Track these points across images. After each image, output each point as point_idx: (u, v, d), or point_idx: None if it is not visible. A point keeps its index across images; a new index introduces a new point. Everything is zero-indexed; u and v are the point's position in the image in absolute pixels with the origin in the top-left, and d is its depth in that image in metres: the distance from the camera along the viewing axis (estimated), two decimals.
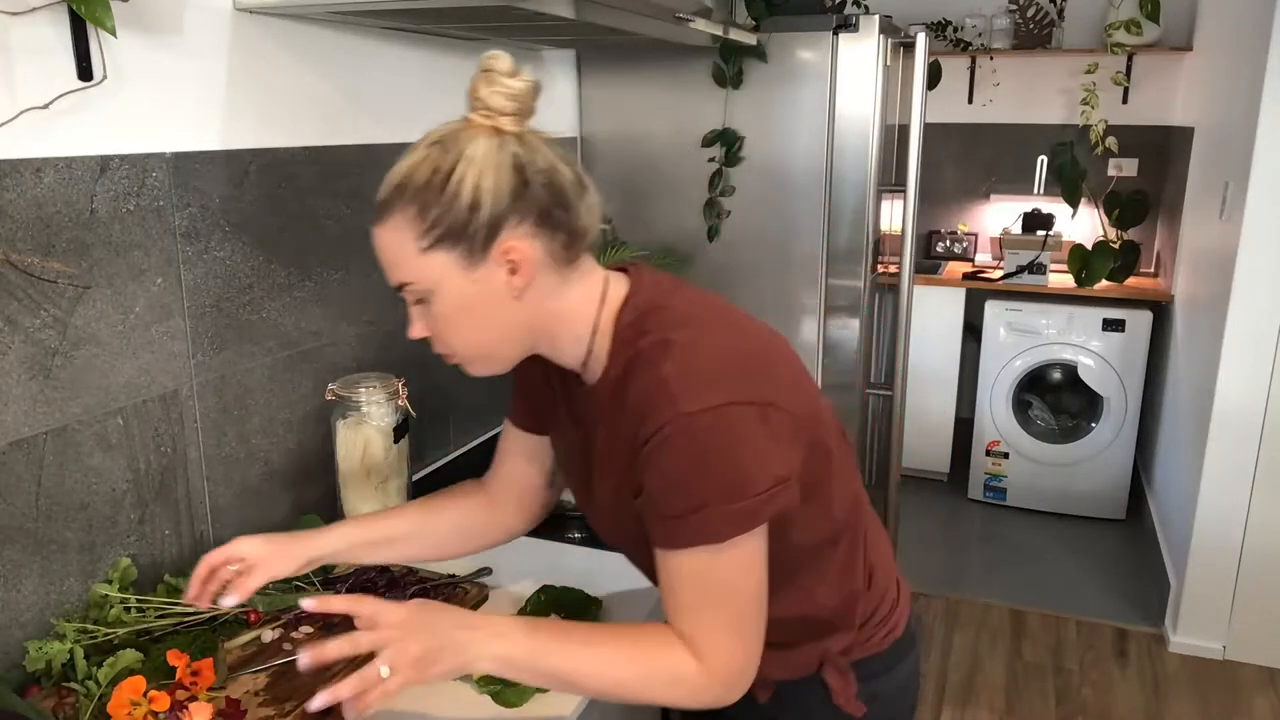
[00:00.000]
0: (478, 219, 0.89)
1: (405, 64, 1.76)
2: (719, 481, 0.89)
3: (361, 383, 1.49)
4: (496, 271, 0.92)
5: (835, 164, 2.29)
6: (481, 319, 0.95)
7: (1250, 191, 2.59)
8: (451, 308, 0.93)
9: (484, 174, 0.89)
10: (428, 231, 0.90)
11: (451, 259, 0.91)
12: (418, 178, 0.91)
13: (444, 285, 0.92)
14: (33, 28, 1.08)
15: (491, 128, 0.91)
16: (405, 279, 0.94)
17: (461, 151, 0.90)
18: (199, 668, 1.08)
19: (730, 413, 0.88)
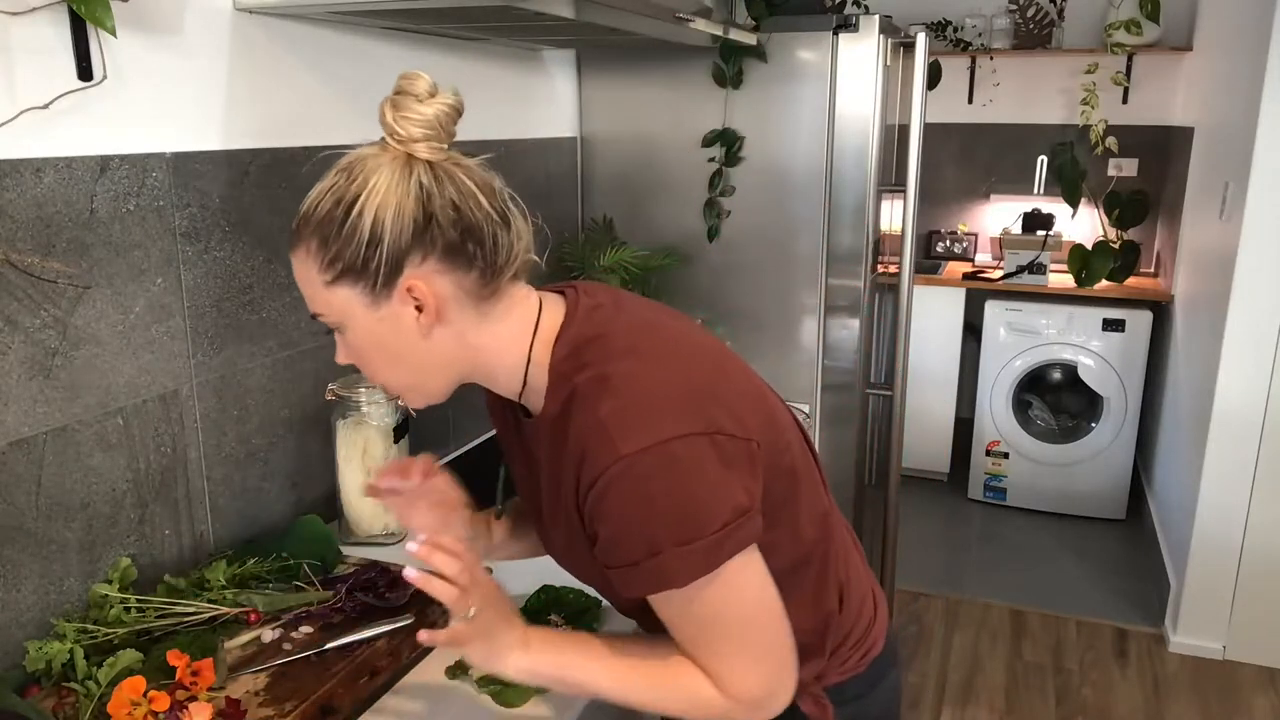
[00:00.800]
0: (378, 255, 0.84)
1: (405, 64, 1.76)
2: (670, 523, 0.83)
3: (361, 383, 1.49)
4: (402, 309, 0.87)
5: (835, 164, 2.29)
6: (395, 355, 0.91)
7: (1250, 191, 2.59)
8: (364, 342, 0.90)
9: (384, 207, 0.84)
10: (329, 265, 0.86)
11: (355, 294, 0.87)
12: (321, 209, 0.86)
13: (351, 320, 0.89)
14: (33, 28, 1.08)
15: (405, 155, 0.86)
16: (316, 310, 0.91)
17: (366, 181, 0.85)
18: (199, 668, 1.08)
19: (675, 448, 0.82)
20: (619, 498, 0.83)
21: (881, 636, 1.10)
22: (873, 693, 1.09)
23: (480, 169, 0.90)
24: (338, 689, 1.10)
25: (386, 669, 1.15)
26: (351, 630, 1.21)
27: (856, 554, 1.12)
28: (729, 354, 0.99)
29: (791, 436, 0.99)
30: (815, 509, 1.02)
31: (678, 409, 0.85)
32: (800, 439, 1.03)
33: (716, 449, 0.84)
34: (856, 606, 1.07)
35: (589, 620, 1.26)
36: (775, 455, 0.93)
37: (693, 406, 0.85)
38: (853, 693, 1.06)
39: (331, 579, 1.34)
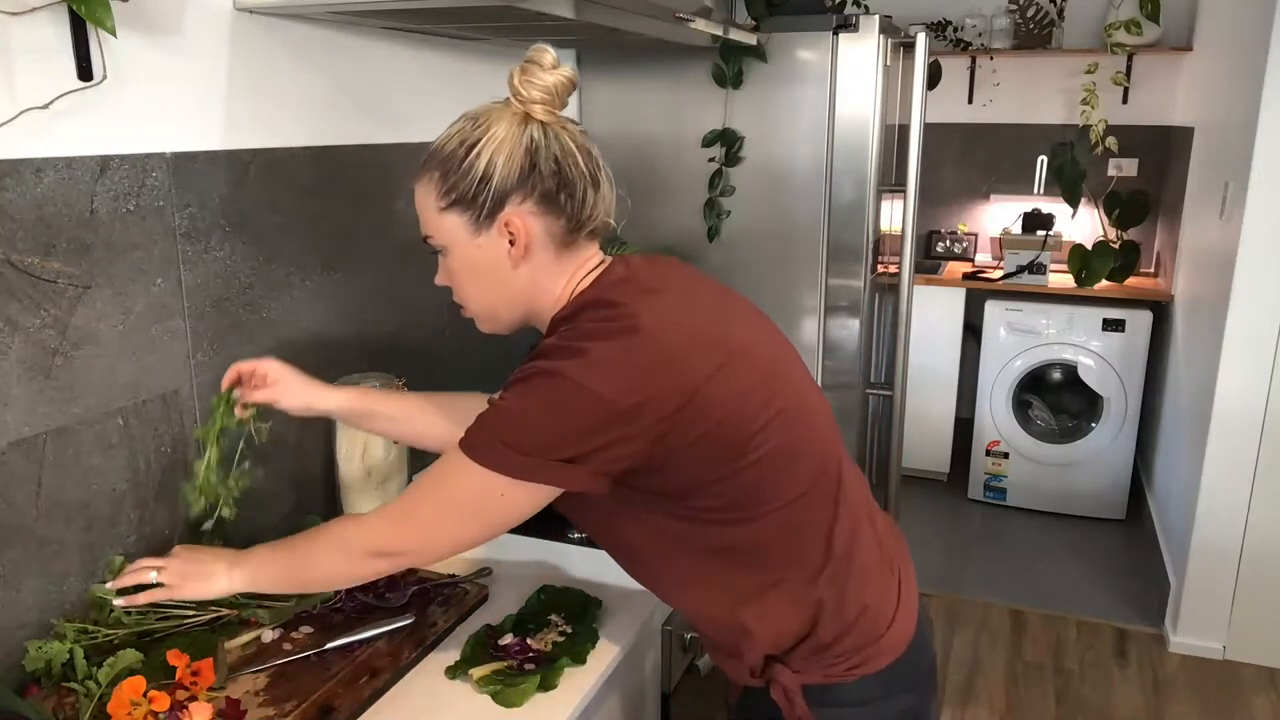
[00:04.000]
0: (486, 191, 0.99)
1: (405, 64, 1.76)
2: (520, 424, 0.95)
3: (361, 383, 1.49)
4: (499, 241, 1.02)
5: (835, 164, 2.29)
6: (483, 280, 1.06)
7: (1250, 191, 2.59)
8: (460, 265, 1.05)
9: (498, 152, 0.99)
10: (445, 194, 1.01)
11: (461, 222, 1.02)
12: (447, 147, 1.01)
13: (454, 244, 1.04)
14: (33, 28, 1.08)
15: (524, 113, 1.00)
16: (427, 232, 1.06)
17: (488, 129, 1.00)
18: (199, 668, 1.08)
19: (571, 389, 0.94)
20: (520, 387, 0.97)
21: (888, 657, 1.08)
22: (864, 709, 1.08)
23: (582, 136, 1.05)
24: (338, 689, 1.10)
25: (386, 669, 1.15)
26: (351, 630, 1.21)
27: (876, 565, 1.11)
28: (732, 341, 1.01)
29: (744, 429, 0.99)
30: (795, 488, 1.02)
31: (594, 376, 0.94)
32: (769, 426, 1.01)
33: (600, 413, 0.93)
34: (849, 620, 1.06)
35: (589, 620, 1.26)
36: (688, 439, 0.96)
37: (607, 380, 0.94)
38: (835, 698, 1.06)
39: None
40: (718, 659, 1.17)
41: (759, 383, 1.01)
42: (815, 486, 1.05)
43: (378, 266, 1.71)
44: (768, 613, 1.05)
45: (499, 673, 1.14)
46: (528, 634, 1.22)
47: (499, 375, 2.07)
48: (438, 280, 1.11)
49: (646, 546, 1.07)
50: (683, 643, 1.51)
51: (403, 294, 1.78)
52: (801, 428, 1.04)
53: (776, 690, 1.07)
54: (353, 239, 1.64)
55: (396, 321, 1.78)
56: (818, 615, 1.05)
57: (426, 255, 1.09)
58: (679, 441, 0.96)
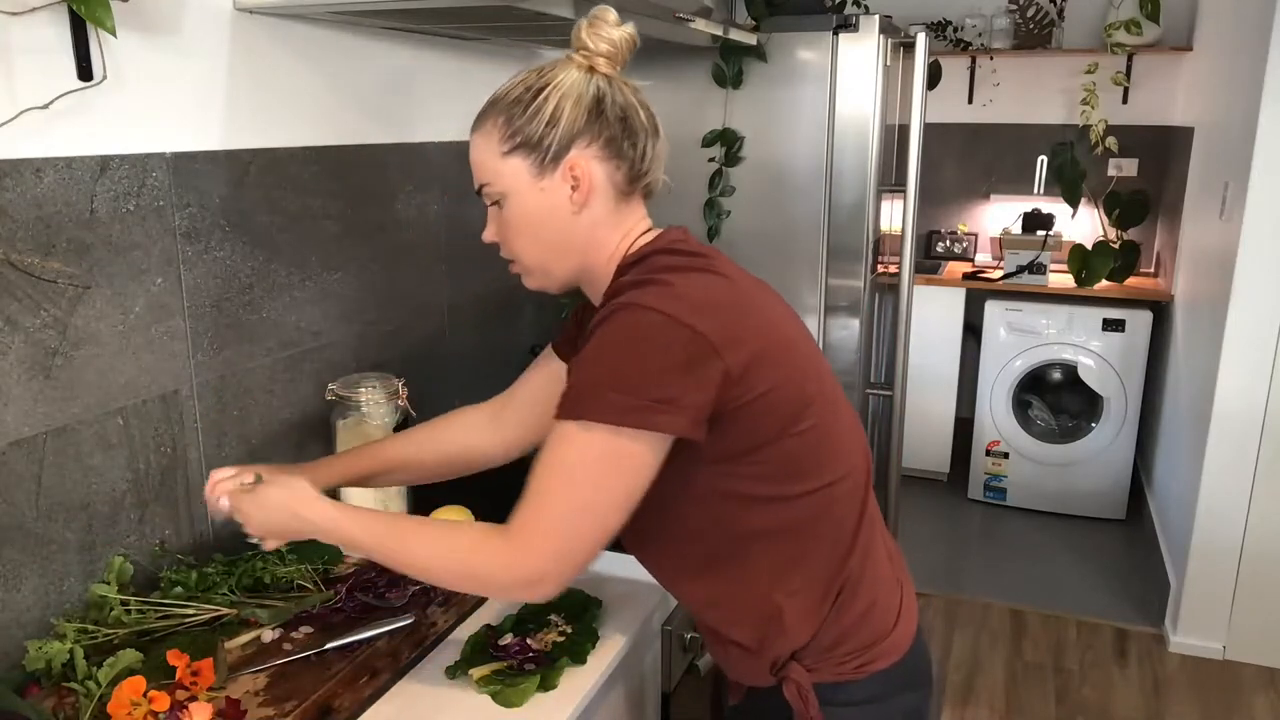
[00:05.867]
0: (553, 134, 1.00)
1: (405, 64, 1.76)
2: (621, 370, 0.93)
3: (361, 383, 1.49)
4: (561, 185, 1.02)
5: (835, 164, 2.29)
6: (541, 229, 1.04)
7: (1250, 191, 2.59)
8: (519, 213, 1.04)
9: (566, 96, 1.00)
10: (509, 138, 1.01)
11: (525, 166, 1.02)
12: (512, 93, 1.02)
13: (516, 190, 1.03)
14: (33, 28, 1.08)
15: (587, 65, 1.02)
16: (485, 180, 1.05)
17: (555, 76, 1.01)
18: (199, 668, 1.08)
19: (664, 321, 0.93)
20: (601, 333, 0.95)
21: (893, 655, 1.09)
22: (871, 707, 1.08)
23: (642, 93, 1.07)
24: (338, 689, 1.10)
25: (386, 669, 1.15)
26: (351, 630, 1.21)
27: (887, 570, 1.13)
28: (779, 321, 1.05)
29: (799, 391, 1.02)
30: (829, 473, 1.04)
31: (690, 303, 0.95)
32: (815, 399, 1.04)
33: (694, 348, 0.93)
34: (860, 611, 1.07)
35: (589, 620, 1.26)
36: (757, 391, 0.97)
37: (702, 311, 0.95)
38: (845, 697, 1.07)
39: (331, 579, 1.35)
40: (726, 658, 1.13)
41: (805, 361, 1.05)
42: (846, 479, 1.06)
43: (378, 266, 1.71)
44: (798, 598, 1.05)
45: (499, 673, 1.14)
46: (528, 634, 1.22)
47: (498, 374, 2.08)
48: (487, 236, 1.09)
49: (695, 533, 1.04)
50: (683, 643, 1.51)
51: (403, 294, 1.78)
52: (833, 419, 1.06)
53: (790, 688, 1.06)
54: (353, 239, 1.64)
55: (396, 321, 1.78)
56: (839, 605, 1.06)
57: (427, 255, 1.09)
58: (749, 393, 0.96)
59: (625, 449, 0.94)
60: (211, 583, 1.27)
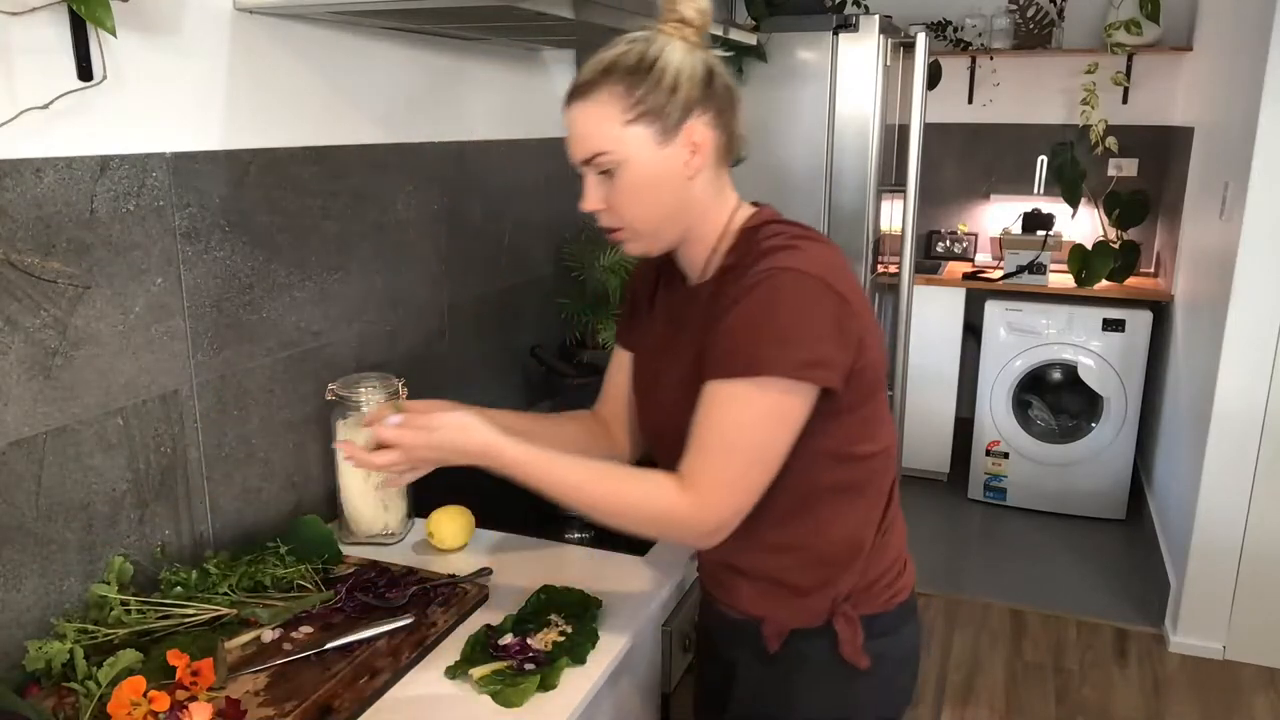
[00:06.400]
0: (674, 102, 1.05)
1: (405, 64, 1.76)
2: (783, 329, 1.02)
3: (361, 383, 1.49)
4: (680, 151, 1.07)
5: (835, 164, 2.30)
6: (658, 193, 1.09)
7: (1250, 191, 2.59)
8: (637, 179, 1.07)
9: (682, 67, 1.05)
10: (633, 107, 1.05)
11: (648, 134, 1.06)
12: (626, 61, 1.05)
13: (636, 157, 1.06)
14: (33, 28, 1.08)
15: (679, 36, 1.06)
16: (601, 149, 1.07)
17: (664, 47, 1.06)
18: (199, 668, 1.08)
19: (814, 283, 1.03)
20: (758, 295, 1.03)
21: (907, 590, 1.26)
22: (896, 635, 1.24)
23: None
24: (338, 689, 1.10)
25: (386, 669, 1.15)
26: (351, 630, 1.21)
27: (903, 523, 1.29)
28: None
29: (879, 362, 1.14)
30: (882, 440, 1.18)
31: (827, 269, 1.05)
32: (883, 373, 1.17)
33: (840, 310, 1.05)
34: (893, 552, 1.24)
35: (589, 620, 1.26)
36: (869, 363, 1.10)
37: (837, 275, 1.06)
38: (879, 629, 1.21)
39: (331, 579, 1.35)
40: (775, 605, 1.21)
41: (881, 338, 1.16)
42: (891, 445, 1.20)
43: (378, 266, 1.71)
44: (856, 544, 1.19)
45: (499, 673, 1.14)
46: (528, 634, 1.22)
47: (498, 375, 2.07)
48: (589, 205, 1.11)
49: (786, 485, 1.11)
50: (683, 643, 1.51)
51: (403, 294, 1.78)
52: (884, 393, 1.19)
53: (840, 621, 1.18)
54: (353, 239, 1.64)
55: (396, 321, 1.78)
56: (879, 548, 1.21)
57: (427, 255, 1.09)
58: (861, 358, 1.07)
59: (790, 402, 1.04)
60: (211, 583, 1.27)
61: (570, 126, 1.09)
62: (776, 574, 1.20)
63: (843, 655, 1.19)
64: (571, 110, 1.08)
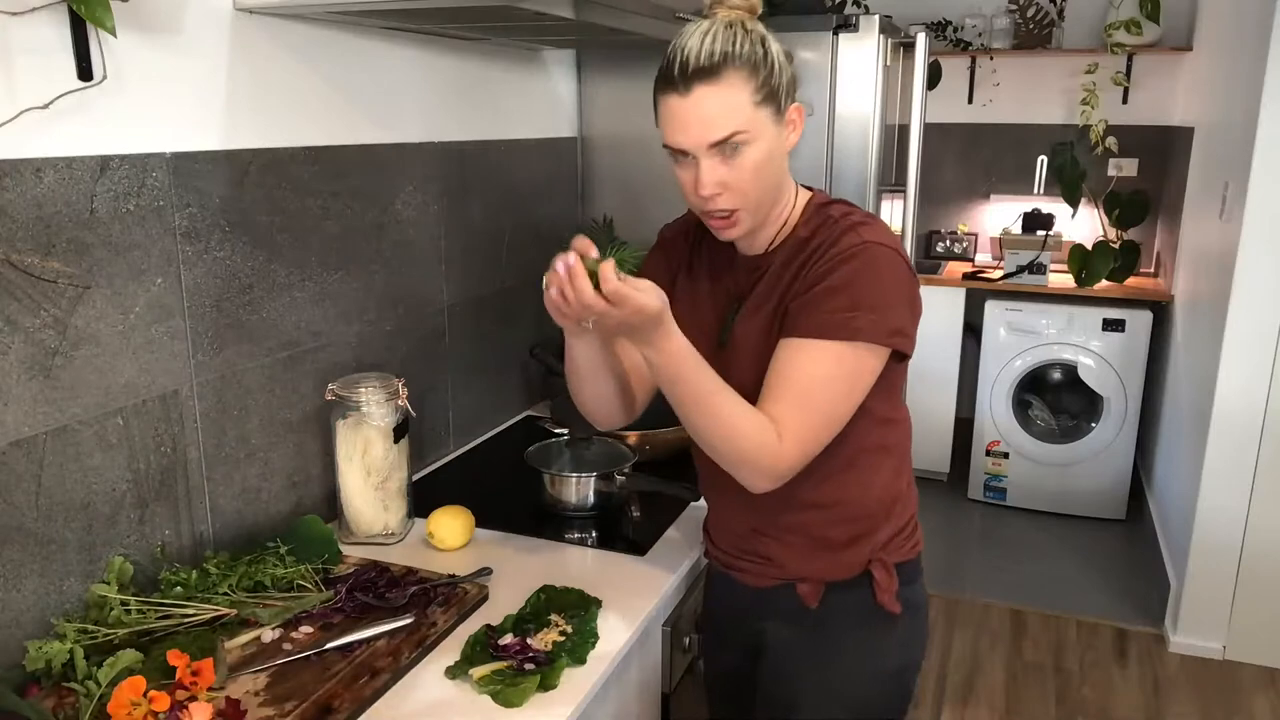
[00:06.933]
0: (784, 84, 1.13)
1: (405, 64, 1.76)
2: (874, 297, 1.12)
3: (361, 383, 1.49)
4: (785, 129, 1.16)
5: (835, 164, 2.29)
6: (774, 168, 1.17)
7: (1250, 191, 2.59)
8: (762, 155, 1.13)
9: (778, 51, 1.13)
10: (760, 89, 1.11)
11: (770, 114, 1.13)
12: (744, 48, 1.09)
13: (762, 135, 1.12)
14: (33, 28, 1.08)
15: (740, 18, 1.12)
16: (737, 128, 1.10)
17: (758, 32, 1.12)
18: (199, 668, 1.08)
19: (896, 257, 1.14)
20: (853, 266, 1.12)
21: (921, 541, 1.36)
22: (916, 583, 1.34)
23: None
24: (338, 689, 1.10)
25: (386, 669, 1.15)
26: (351, 630, 1.21)
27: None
28: None
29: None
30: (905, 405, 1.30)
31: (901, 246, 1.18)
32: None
33: (912, 279, 1.17)
34: (914, 504, 1.35)
35: (589, 620, 1.26)
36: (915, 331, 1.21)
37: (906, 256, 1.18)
38: (906, 576, 1.31)
39: (331, 579, 1.35)
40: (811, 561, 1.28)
41: None
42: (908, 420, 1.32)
43: (378, 266, 1.71)
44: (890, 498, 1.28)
45: (499, 673, 1.14)
46: (528, 634, 1.22)
47: (498, 375, 2.07)
48: (709, 188, 1.13)
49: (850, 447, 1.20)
50: (683, 643, 1.51)
51: (403, 294, 1.78)
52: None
53: (878, 567, 1.27)
54: (353, 239, 1.64)
55: (396, 321, 1.78)
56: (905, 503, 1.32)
57: (427, 255, 1.09)
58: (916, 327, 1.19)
59: (870, 365, 1.14)
60: (211, 583, 1.27)
61: (693, 109, 1.09)
62: (818, 530, 1.27)
63: (879, 603, 1.27)
64: (695, 94, 1.09)
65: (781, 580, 1.30)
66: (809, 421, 1.13)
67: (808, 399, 1.12)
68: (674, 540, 1.54)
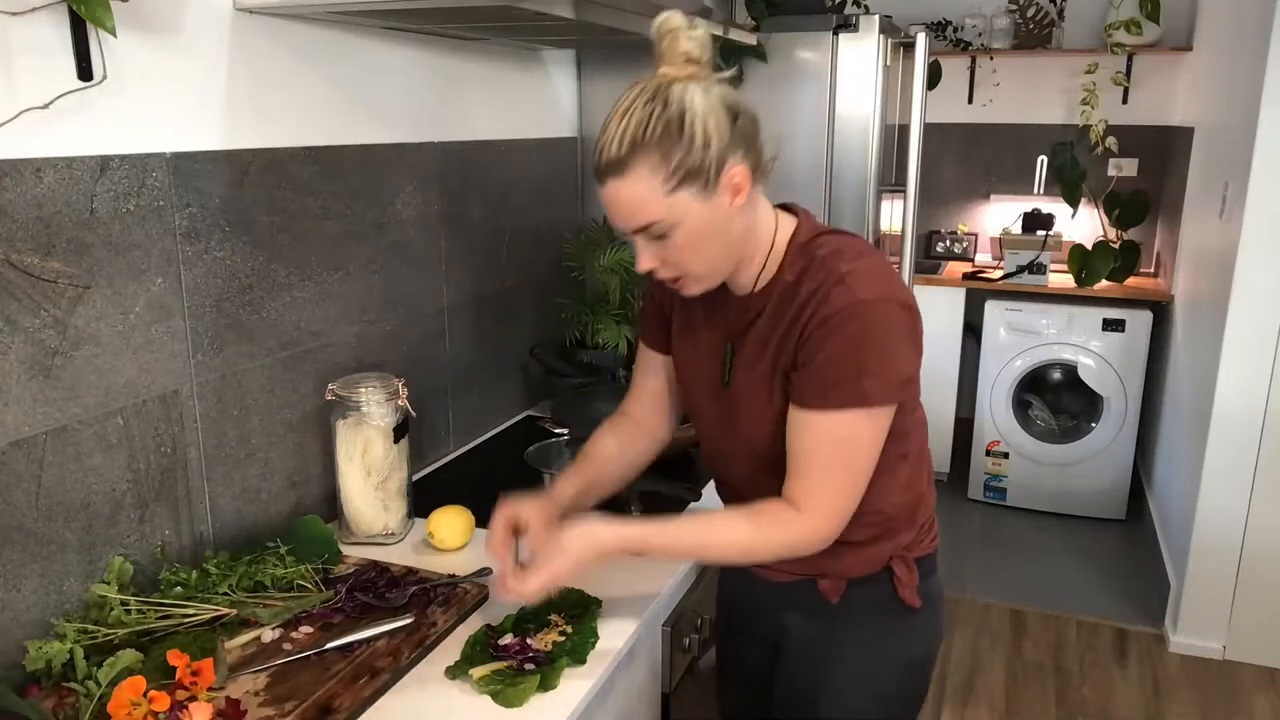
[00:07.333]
0: (709, 156, 1.05)
1: (405, 64, 1.76)
2: (878, 358, 1.10)
3: (361, 383, 1.49)
4: (723, 198, 1.08)
5: (835, 164, 2.29)
6: (714, 240, 1.11)
7: (1250, 191, 2.59)
8: (692, 236, 1.09)
9: (708, 117, 1.04)
10: (672, 175, 1.04)
11: (691, 194, 1.06)
12: (654, 132, 1.03)
13: (687, 218, 1.07)
14: (33, 28, 1.08)
15: (689, 76, 1.06)
16: (651, 219, 1.07)
17: (684, 101, 1.04)
18: (199, 668, 1.08)
19: (891, 308, 1.10)
20: (848, 330, 1.09)
21: (938, 533, 1.37)
22: (935, 576, 1.36)
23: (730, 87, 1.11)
24: (338, 689, 1.10)
25: (386, 669, 1.15)
26: (351, 630, 1.21)
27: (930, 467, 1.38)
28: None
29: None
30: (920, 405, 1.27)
31: (894, 284, 1.13)
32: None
33: (912, 322, 1.13)
34: (930, 506, 1.35)
35: (589, 620, 1.26)
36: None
37: (901, 287, 1.14)
38: (925, 569, 1.32)
39: (331, 579, 1.35)
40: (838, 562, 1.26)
41: None
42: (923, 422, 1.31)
43: (378, 266, 1.71)
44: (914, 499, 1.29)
45: (499, 673, 1.14)
46: (528, 634, 1.22)
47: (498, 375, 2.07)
48: (645, 266, 1.13)
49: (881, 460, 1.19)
50: (683, 643, 1.51)
51: (403, 294, 1.78)
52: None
53: (899, 564, 1.28)
54: (353, 239, 1.64)
55: (396, 321, 1.78)
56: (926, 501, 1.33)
57: (427, 255, 1.09)
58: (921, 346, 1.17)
59: (882, 419, 1.14)
60: (211, 583, 1.27)
61: (609, 203, 1.08)
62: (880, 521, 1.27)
63: (901, 598, 1.28)
64: (608, 188, 1.07)
65: (802, 576, 1.30)
66: (833, 487, 1.14)
67: (828, 469, 1.14)
68: None
